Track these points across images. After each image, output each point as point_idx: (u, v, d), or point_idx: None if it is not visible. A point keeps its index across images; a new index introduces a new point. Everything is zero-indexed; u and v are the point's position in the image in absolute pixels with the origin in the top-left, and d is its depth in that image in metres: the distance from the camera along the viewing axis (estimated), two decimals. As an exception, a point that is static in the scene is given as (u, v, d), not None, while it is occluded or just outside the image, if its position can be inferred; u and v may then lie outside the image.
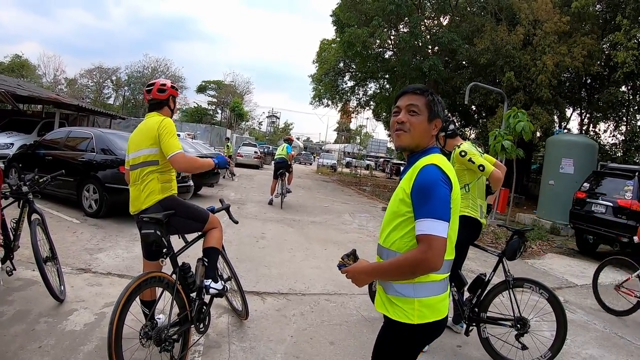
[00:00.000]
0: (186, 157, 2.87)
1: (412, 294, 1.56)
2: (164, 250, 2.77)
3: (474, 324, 3.47)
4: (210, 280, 2.93)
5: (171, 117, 3.09)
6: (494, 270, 3.53)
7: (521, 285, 3.35)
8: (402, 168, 1.76)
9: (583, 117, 18.67)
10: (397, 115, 1.69)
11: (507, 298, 3.34)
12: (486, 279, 3.51)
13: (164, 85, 3.05)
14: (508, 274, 3.36)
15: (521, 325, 3.28)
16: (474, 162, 3.49)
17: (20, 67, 41.81)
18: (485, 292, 3.49)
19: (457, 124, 18.53)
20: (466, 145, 3.61)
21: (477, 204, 3.57)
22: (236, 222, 3.54)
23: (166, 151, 2.83)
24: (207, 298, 2.99)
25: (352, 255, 1.70)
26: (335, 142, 60.92)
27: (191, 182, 8.37)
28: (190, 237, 3.15)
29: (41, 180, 3.82)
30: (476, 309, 3.46)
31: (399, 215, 1.59)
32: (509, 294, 3.33)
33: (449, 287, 1.69)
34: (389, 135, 26.16)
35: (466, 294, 3.65)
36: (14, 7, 64.75)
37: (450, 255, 1.62)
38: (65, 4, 74.97)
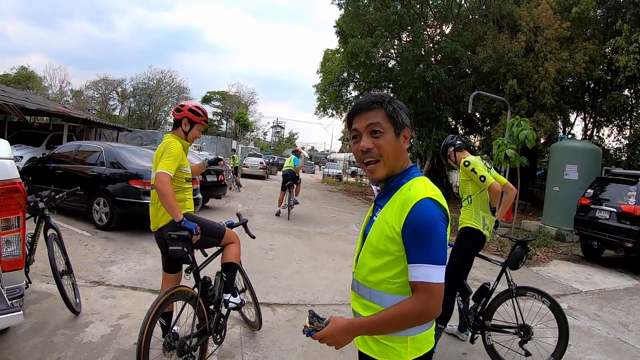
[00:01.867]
0: (166, 183, 2.76)
1: (405, 333, 1.37)
2: (188, 265, 2.88)
3: (479, 331, 3.55)
4: (229, 294, 3.04)
5: (185, 140, 3.11)
6: (498, 279, 3.62)
7: (524, 293, 3.43)
8: (374, 190, 1.51)
9: (587, 122, 18.68)
10: (358, 141, 1.42)
11: (510, 306, 3.42)
12: (490, 288, 3.59)
13: (182, 106, 3.14)
14: (511, 282, 3.45)
15: (524, 332, 3.36)
16: (476, 173, 3.57)
17: (27, 79, 42.45)
18: (490, 300, 3.57)
19: (461, 132, 18.47)
20: (472, 157, 3.70)
21: (480, 215, 3.64)
22: (253, 237, 3.64)
23: (156, 168, 2.85)
24: (224, 310, 3.09)
25: (315, 317, 1.43)
26: (341, 151, 61.14)
27: (199, 195, 8.47)
28: (209, 251, 3.27)
29: (57, 196, 3.94)
30: (481, 317, 3.54)
31: (387, 254, 1.36)
32: (512, 302, 3.41)
33: None
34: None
35: (471, 303, 3.73)
36: (20, 20, 66.25)
37: None
38: (71, 16, 76.75)
